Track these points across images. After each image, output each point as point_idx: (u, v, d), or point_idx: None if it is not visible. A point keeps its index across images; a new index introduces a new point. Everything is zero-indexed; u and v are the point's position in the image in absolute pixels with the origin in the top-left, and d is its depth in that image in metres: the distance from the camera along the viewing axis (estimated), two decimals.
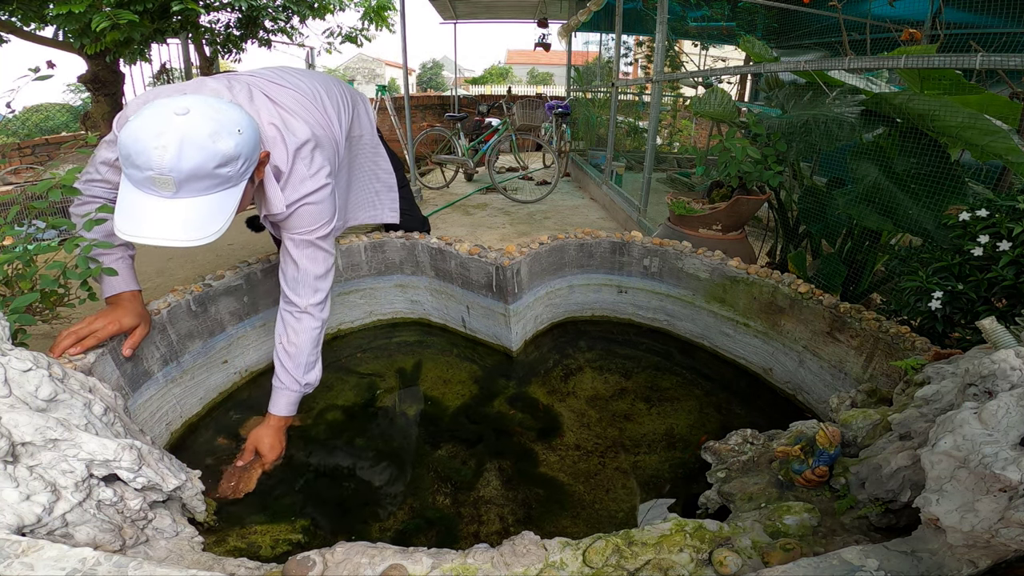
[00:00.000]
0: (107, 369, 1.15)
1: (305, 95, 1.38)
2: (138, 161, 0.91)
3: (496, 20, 9.77)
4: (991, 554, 0.66)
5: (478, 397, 1.57)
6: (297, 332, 1.30)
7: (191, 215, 0.96)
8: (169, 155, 0.91)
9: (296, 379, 1.31)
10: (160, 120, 0.92)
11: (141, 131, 0.91)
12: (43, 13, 3.92)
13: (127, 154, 0.92)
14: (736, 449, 1.13)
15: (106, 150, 1.18)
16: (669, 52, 5.10)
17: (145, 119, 0.92)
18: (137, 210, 0.95)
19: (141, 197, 0.95)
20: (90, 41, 3.81)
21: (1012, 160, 1.55)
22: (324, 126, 1.39)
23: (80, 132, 5.82)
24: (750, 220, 2.47)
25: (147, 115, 0.93)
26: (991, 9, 2.84)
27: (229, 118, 0.98)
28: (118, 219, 0.95)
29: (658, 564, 0.74)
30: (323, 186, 1.26)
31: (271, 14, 5.54)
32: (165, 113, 0.93)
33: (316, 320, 1.32)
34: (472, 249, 1.71)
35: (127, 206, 0.95)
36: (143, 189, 0.95)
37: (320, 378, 1.37)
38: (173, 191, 0.94)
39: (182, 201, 0.95)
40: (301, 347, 1.30)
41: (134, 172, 0.93)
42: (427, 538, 1.09)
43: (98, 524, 0.81)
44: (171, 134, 0.91)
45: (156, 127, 0.91)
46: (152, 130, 0.91)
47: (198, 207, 0.97)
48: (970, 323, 1.20)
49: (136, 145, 0.91)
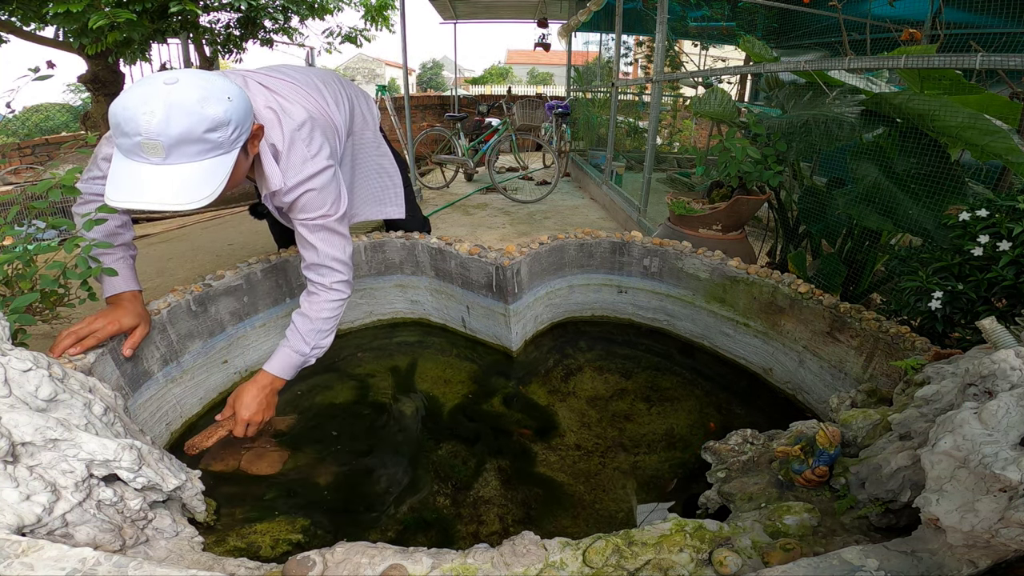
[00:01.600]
0: (107, 369, 1.15)
1: (301, 84, 1.39)
2: (127, 128, 0.92)
3: (496, 20, 9.77)
4: (991, 554, 0.66)
5: (478, 397, 1.57)
6: (320, 302, 1.31)
7: (182, 180, 0.96)
8: (157, 119, 0.91)
9: (306, 341, 1.29)
10: (149, 89, 0.93)
11: (130, 99, 0.92)
12: (42, 13, 3.92)
13: (116, 123, 0.93)
14: (736, 449, 1.13)
15: (107, 146, 1.17)
16: (669, 52, 5.10)
17: (134, 89, 0.94)
18: (128, 178, 0.95)
19: (132, 165, 0.95)
20: (90, 41, 3.81)
21: (1012, 160, 1.55)
22: (322, 112, 1.38)
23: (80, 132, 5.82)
24: (750, 220, 2.47)
25: (137, 86, 0.95)
26: (991, 9, 2.84)
27: (218, 86, 0.99)
28: (110, 189, 0.95)
29: (658, 564, 0.74)
30: (324, 168, 1.24)
31: (271, 14, 5.54)
32: (154, 83, 0.94)
33: (341, 295, 1.34)
34: (472, 249, 1.71)
35: (118, 175, 0.96)
36: (133, 157, 0.95)
37: (327, 349, 1.35)
38: (163, 156, 0.94)
39: (173, 167, 0.96)
40: (321, 313, 1.31)
41: (124, 140, 0.94)
42: (427, 538, 1.09)
43: (98, 524, 0.81)
44: (159, 100, 0.92)
45: (144, 95, 0.92)
46: (140, 97, 0.92)
47: (190, 172, 0.97)
48: (970, 323, 1.20)
49: (124, 112, 0.92)
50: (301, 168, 1.22)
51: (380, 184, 1.81)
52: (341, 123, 1.49)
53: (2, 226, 1.11)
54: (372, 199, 1.80)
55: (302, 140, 1.22)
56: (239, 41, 5.73)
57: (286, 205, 1.26)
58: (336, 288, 1.32)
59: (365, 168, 1.75)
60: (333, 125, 1.43)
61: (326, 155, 1.26)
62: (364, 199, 1.78)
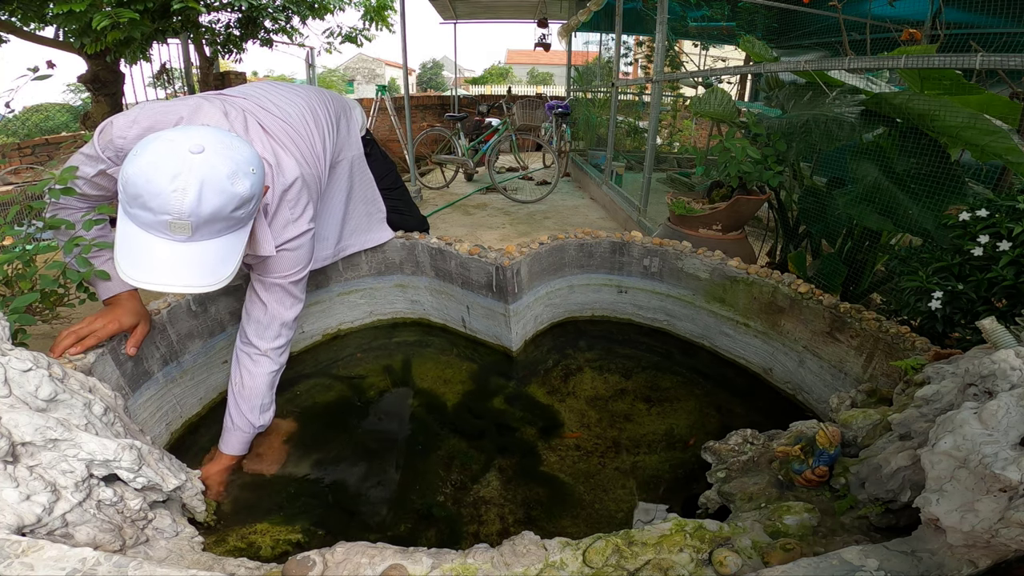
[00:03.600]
0: (107, 369, 1.15)
1: (294, 126, 1.32)
2: (152, 204, 0.85)
3: (496, 20, 9.78)
4: (991, 554, 0.66)
5: (478, 397, 1.57)
6: (253, 376, 1.26)
7: (203, 259, 0.92)
8: (189, 199, 0.85)
9: (250, 421, 1.26)
10: (174, 159, 0.85)
11: (154, 172, 0.84)
12: (43, 13, 3.92)
13: (137, 194, 0.85)
14: (736, 449, 1.13)
15: (84, 163, 1.11)
16: (669, 52, 5.10)
17: (157, 157, 0.85)
18: (146, 254, 0.89)
19: (150, 240, 0.89)
20: (90, 41, 3.81)
21: (1012, 160, 1.55)
22: (311, 162, 1.33)
23: (80, 132, 5.82)
24: (750, 220, 2.47)
25: (158, 152, 0.86)
26: (991, 9, 2.84)
27: (243, 157, 0.93)
28: (124, 264, 0.89)
29: (658, 564, 0.74)
30: (305, 231, 1.22)
31: (271, 14, 5.54)
32: (179, 151, 0.86)
33: (275, 364, 1.29)
34: (472, 249, 1.71)
35: (134, 249, 0.89)
36: (153, 232, 0.89)
37: (272, 419, 1.33)
38: (188, 235, 0.88)
39: (195, 245, 0.90)
40: (256, 390, 1.26)
41: (145, 215, 0.87)
42: (427, 538, 1.09)
43: (98, 524, 0.81)
44: (189, 176, 0.85)
45: (171, 168, 0.85)
46: (167, 171, 0.84)
47: (210, 250, 0.92)
48: (970, 323, 1.20)
49: (149, 187, 0.84)
50: (282, 231, 1.19)
51: (365, 211, 1.75)
52: (325, 168, 1.43)
53: (2, 226, 1.11)
54: (360, 229, 1.75)
55: (288, 203, 1.19)
56: (239, 41, 5.73)
57: (256, 262, 1.22)
58: (270, 356, 1.27)
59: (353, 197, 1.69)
60: (318, 177, 1.37)
61: (308, 218, 1.23)
62: (352, 230, 1.72)
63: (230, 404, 1.28)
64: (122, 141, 1.07)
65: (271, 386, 1.30)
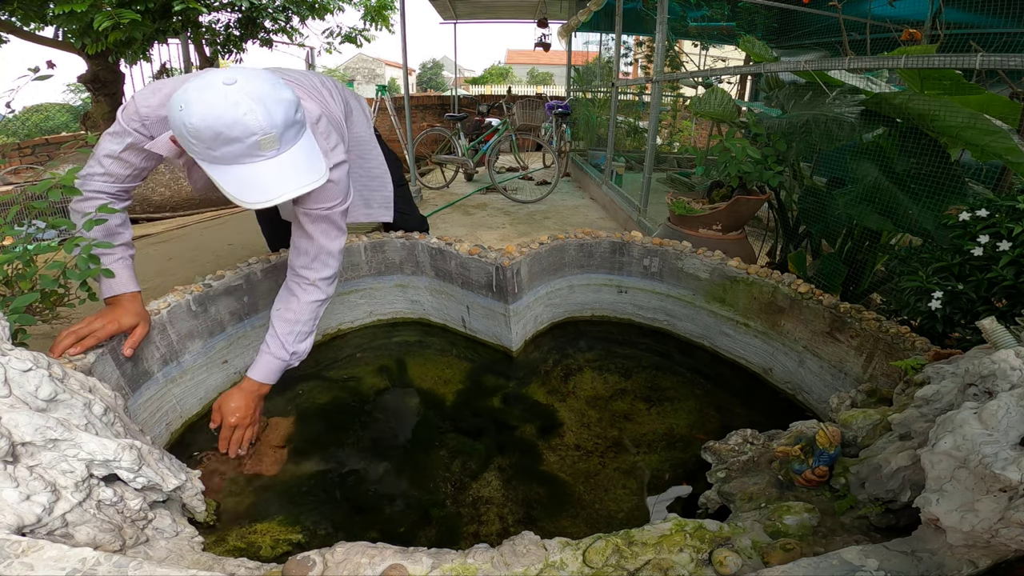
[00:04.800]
0: (107, 369, 1.15)
1: (304, 85, 1.38)
2: (235, 133, 0.92)
3: (496, 20, 9.78)
4: (991, 554, 0.66)
5: (478, 397, 1.57)
6: (300, 301, 1.30)
7: (299, 163, 1.00)
8: (260, 115, 0.93)
9: (285, 347, 1.28)
10: (221, 95, 0.92)
11: (215, 109, 0.91)
12: (44, 13, 3.93)
13: (215, 134, 0.92)
14: (736, 449, 1.13)
15: (110, 142, 1.16)
16: (669, 52, 5.10)
17: (207, 100, 0.92)
18: (255, 181, 0.97)
19: (250, 168, 0.96)
20: (91, 41, 3.81)
21: (1012, 160, 1.55)
22: (329, 110, 1.37)
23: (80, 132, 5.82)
24: (750, 220, 2.47)
25: (203, 98, 0.92)
26: (991, 9, 2.84)
27: (266, 74, 0.98)
28: (240, 195, 0.96)
29: (658, 564, 0.74)
30: (341, 162, 1.25)
31: (271, 14, 5.54)
32: (218, 89, 0.92)
33: (323, 294, 1.32)
34: (472, 249, 1.71)
35: (244, 183, 0.97)
36: (248, 160, 0.96)
37: (308, 352, 1.35)
38: (278, 147, 0.97)
39: (287, 154, 0.99)
40: (300, 315, 1.30)
41: (234, 148, 0.94)
42: (427, 538, 1.09)
43: (98, 524, 0.81)
44: (245, 99, 0.92)
45: (225, 100, 0.91)
46: (224, 104, 0.91)
47: (300, 154, 1.01)
48: (970, 323, 1.20)
49: (221, 122, 0.91)
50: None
51: (368, 187, 1.79)
52: (342, 122, 1.49)
53: (2, 226, 1.11)
54: (361, 201, 1.78)
55: (321, 135, 1.20)
56: (239, 41, 5.73)
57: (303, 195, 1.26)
58: (319, 286, 1.31)
59: (357, 169, 1.74)
60: (340, 122, 1.42)
61: (342, 151, 1.26)
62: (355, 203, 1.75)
63: (269, 332, 1.30)
64: (147, 109, 1.12)
65: (314, 316, 1.33)
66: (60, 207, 1.31)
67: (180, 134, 0.96)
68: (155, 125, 1.13)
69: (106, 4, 3.36)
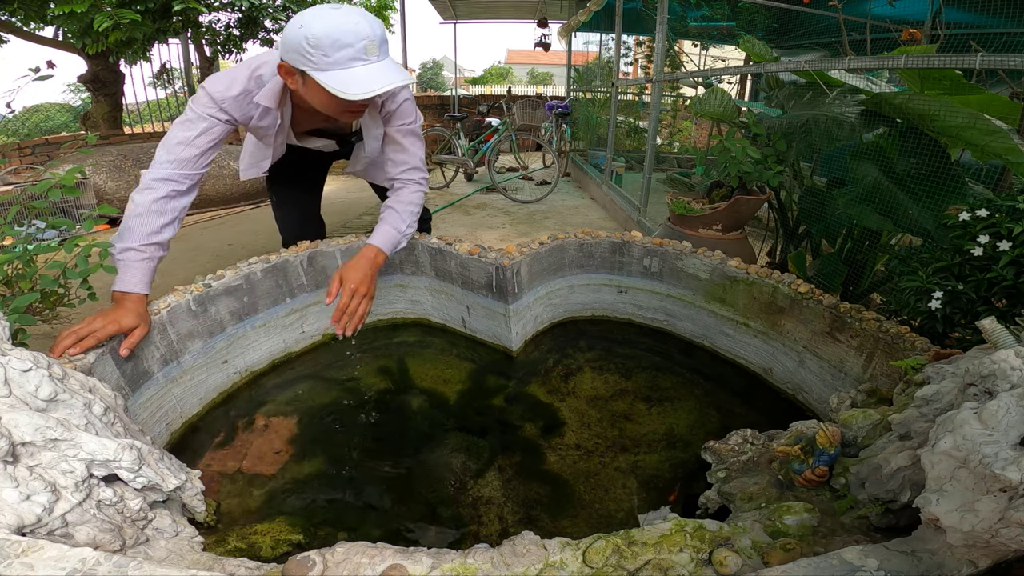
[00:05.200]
0: (107, 369, 1.15)
1: None
2: (348, 39, 1.15)
3: (496, 20, 9.78)
4: (991, 554, 0.66)
5: (478, 397, 1.57)
6: (411, 194, 1.59)
7: (392, 68, 1.23)
8: (367, 26, 1.17)
9: (403, 220, 1.57)
10: (336, 11, 1.17)
11: (333, 20, 1.15)
12: (44, 13, 3.93)
13: (333, 40, 1.14)
14: (736, 449, 1.13)
15: (182, 130, 1.29)
16: (669, 52, 5.10)
17: (325, 15, 1.16)
18: (359, 78, 1.18)
19: (357, 69, 1.18)
20: (91, 41, 3.81)
21: (1012, 160, 1.55)
22: None
23: (80, 132, 5.83)
24: (750, 220, 2.47)
25: (321, 13, 1.16)
26: (991, 9, 2.84)
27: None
28: (347, 89, 1.16)
29: (658, 564, 0.74)
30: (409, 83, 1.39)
31: (271, 14, 5.55)
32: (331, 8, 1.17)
33: (422, 189, 1.62)
34: (472, 249, 1.71)
35: (349, 80, 1.17)
36: (355, 63, 1.18)
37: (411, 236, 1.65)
38: (378, 55, 1.20)
39: (383, 61, 1.22)
40: (413, 201, 1.59)
41: (345, 52, 1.16)
42: (427, 538, 1.09)
43: (98, 524, 0.81)
44: (353, 14, 1.17)
45: (340, 14, 1.16)
46: (340, 17, 1.15)
47: (391, 64, 1.24)
48: (970, 323, 1.20)
49: (338, 30, 1.14)
50: None
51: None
52: None
53: (2, 226, 1.11)
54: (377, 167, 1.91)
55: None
56: (239, 41, 5.73)
57: (390, 113, 1.50)
58: (420, 183, 1.61)
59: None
60: None
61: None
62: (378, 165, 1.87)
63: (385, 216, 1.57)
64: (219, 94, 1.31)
65: (420, 205, 1.64)
66: (60, 207, 1.31)
67: (298, 48, 1.16)
68: (230, 104, 1.32)
69: (106, 4, 3.36)
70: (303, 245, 1.73)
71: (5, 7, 3.73)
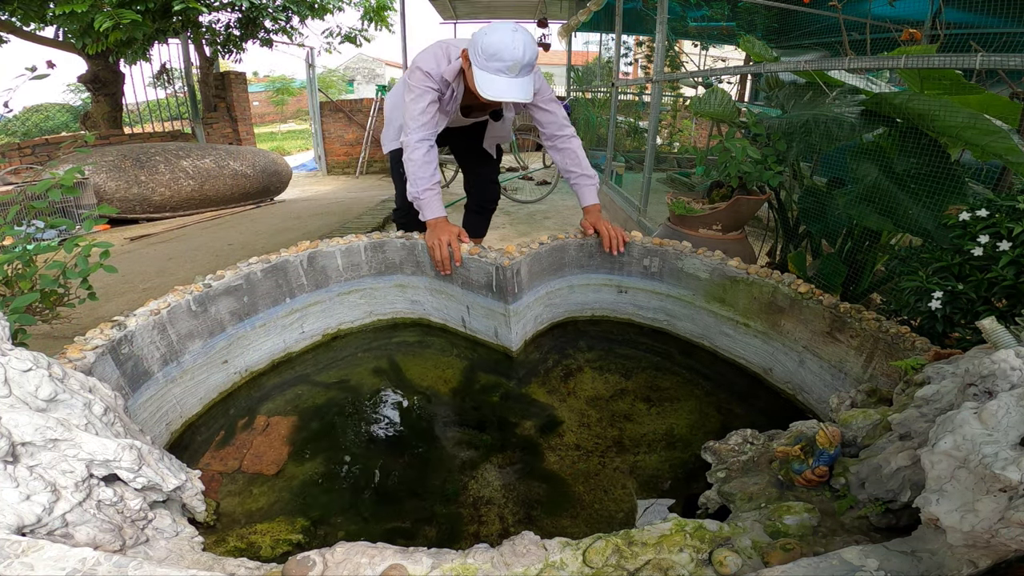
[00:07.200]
0: (107, 369, 1.15)
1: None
2: (503, 56, 1.53)
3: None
4: (991, 554, 0.66)
5: (478, 397, 1.57)
6: (576, 146, 1.92)
7: (521, 85, 1.59)
8: (521, 52, 1.53)
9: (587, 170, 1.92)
10: (511, 34, 1.53)
11: (502, 39, 1.52)
12: (44, 13, 3.93)
13: (493, 53, 1.53)
14: (736, 449, 1.13)
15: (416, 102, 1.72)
16: (669, 52, 5.10)
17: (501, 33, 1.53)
18: (496, 84, 1.57)
19: (499, 78, 1.57)
20: (91, 41, 3.81)
21: (1012, 160, 1.55)
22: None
23: (80, 132, 5.82)
24: (750, 220, 2.47)
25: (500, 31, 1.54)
26: (991, 9, 2.84)
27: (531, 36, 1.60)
28: (483, 87, 1.57)
29: (658, 564, 0.74)
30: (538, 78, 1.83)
31: (271, 14, 5.55)
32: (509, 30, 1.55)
33: (575, 133, 1.95)
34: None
35: (490, 82, 1.57)
36: (499, 74, 1.56)
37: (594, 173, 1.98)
38: (518, 74, 1.57)
39: (519, 78, 1.59)
40: (580, 154, 1.92)
41: (496, 63, 1.54)
42: (427, 538, 1.09)
43: (98, 524, 0.81)
44: (519, 42, 1.53)
45: (510, 37, 1.52)
46: (509, 39, 1.52)
47: (523, 82, 1.60)
48: (970, 323, 1.20)
49: (499, 47, 1.52)
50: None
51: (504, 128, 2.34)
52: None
53: (2, 226, 1.11)
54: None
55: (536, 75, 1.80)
56: (239, 41, 5.73)
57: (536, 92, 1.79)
58: (573, 133, 1.94)
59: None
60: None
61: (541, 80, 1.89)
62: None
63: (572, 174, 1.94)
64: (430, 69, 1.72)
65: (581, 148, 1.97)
66: (60, 207, 1.31)
67: (474, 45, 1.57)
68: (436, 77, 1.72)
69: (106, 4, 3.36)
70: (303, 245, 1.73)
71: (5, 7, 3.73)
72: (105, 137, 5.47)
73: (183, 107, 6.69)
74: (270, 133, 16.61)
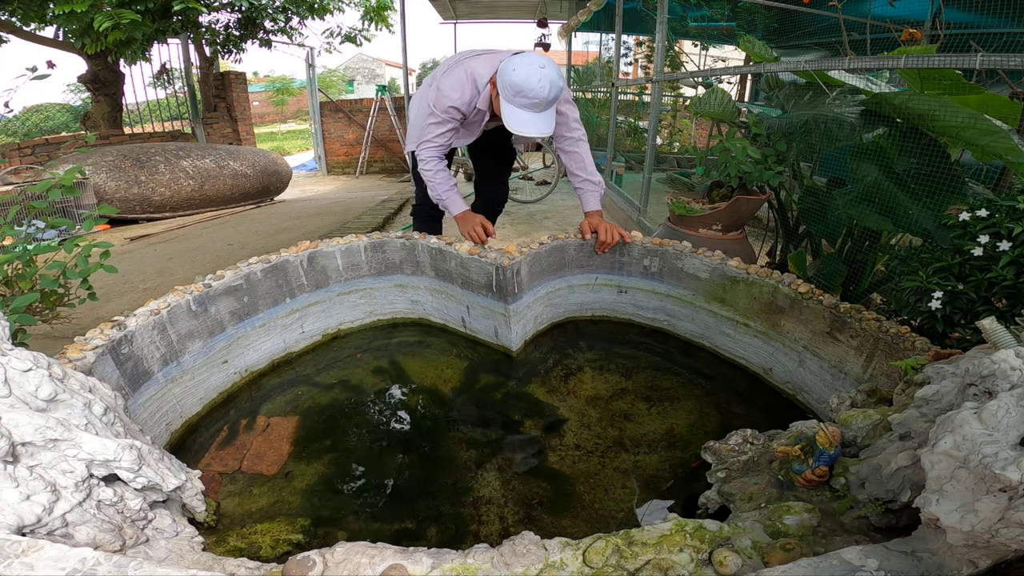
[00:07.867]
0: (107, 369, 1.15)
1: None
2: (529, 93, 1.61)
3: (496, 20, 9.77)
4: (991, 554, 0.66)
5: (478, 397, 1.57)
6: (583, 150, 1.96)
7: (543, 120, 1.69)
8: (546, 90, 1.62)
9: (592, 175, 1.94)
10: (537, 73, 1.61)
11: (529, 77, 1.60)
12: (44, 13, 3.93)
13: (519, 90, 1.62)
14: (736, 449, 1.13)
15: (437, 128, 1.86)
16: (669, 52, 5.10)
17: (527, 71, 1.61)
18: (520, 118, 1.67)
19: (522, 112, 1.66)
20: (91, 41, 3.81)
21: (1012, 160, 1.55)
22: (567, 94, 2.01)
23: (80, 132, 5.82)
24: (750, 220, 2.47)
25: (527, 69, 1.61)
26: (991, 9, 2.84)
27: (557, 70, 1.68)
28: (509, 120, 1.67)
29: (658, 564, 0.74)
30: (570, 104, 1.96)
31: (271, 14, 5.54)
32: (536, 68, 1.62)
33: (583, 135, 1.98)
34: (472, 249, 1.71)
35: (515, 115, 1.67)
36: (523, 108, 1.65)
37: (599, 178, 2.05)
38: (542, 109, 1.67)
39: (542, 113, 1.68)
40: (587, 159, 1.95)
41: (521, 99, 1.63)
42: (427, 538, 1.09)
43: (98, 524, 0.81)
44: (545, 81, 1.61)
45: (535, 76, 1.60)
46: (534, 78, 1.60)
47: (548, 116, 1.70)
48: (970, 323, 1.20)
49: (525, 85, 1.60)
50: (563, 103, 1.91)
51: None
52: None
53: (2, 226, 1.11)
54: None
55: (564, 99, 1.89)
56: (239, 41, 5.74)
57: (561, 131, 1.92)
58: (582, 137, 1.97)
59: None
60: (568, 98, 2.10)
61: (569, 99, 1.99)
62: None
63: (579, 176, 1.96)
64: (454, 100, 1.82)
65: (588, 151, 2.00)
66: (60, 207, 1.31)
67: (502, 79, 1.66)
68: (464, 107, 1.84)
69: (106, 4, 3.36)
70: (303, 245, 1.73)
71: (5, 7, 3.73)
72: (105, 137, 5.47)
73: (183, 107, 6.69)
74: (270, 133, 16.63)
